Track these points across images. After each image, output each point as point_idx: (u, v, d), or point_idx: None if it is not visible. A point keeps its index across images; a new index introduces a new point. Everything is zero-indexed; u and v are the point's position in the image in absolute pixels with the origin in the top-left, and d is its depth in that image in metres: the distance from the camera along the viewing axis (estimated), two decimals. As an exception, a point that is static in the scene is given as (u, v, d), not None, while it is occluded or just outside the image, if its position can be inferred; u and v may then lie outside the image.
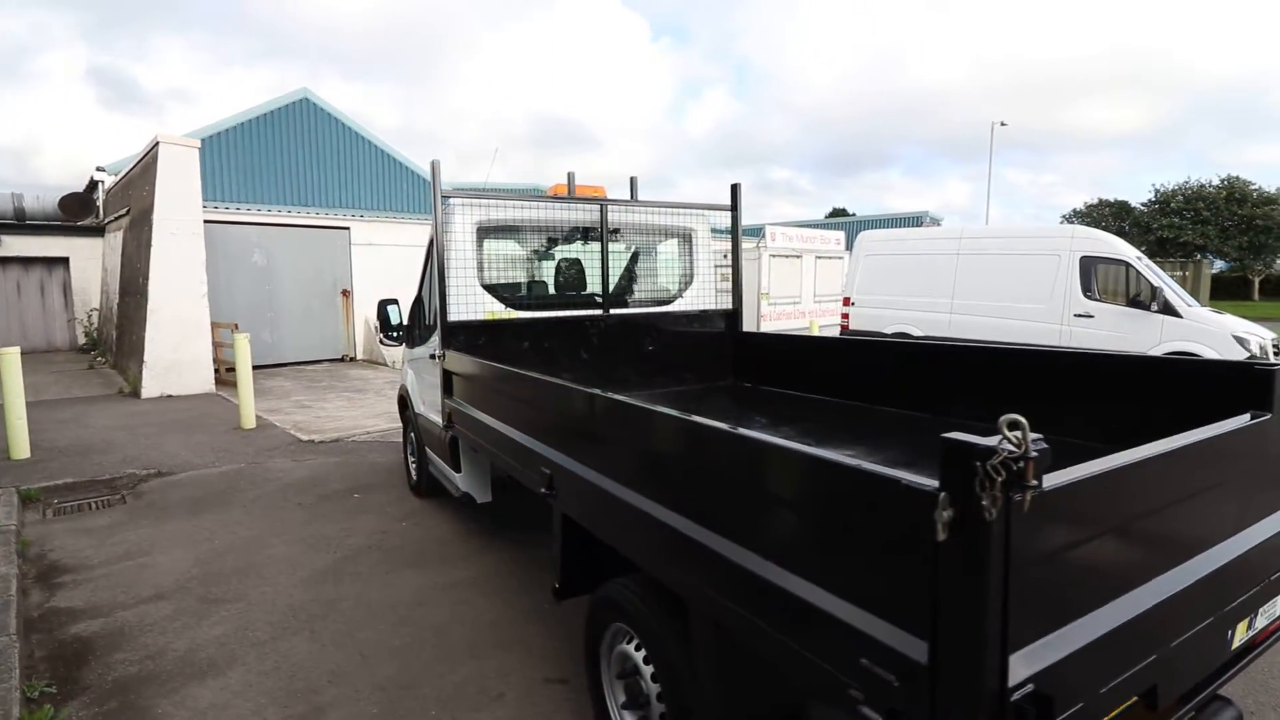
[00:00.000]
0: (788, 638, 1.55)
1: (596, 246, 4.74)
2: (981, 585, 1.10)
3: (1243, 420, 1.83)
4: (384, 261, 14.21)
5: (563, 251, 4.91)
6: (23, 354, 7.16)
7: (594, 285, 4.83)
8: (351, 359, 14.67)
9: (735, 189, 5.11)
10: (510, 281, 4.78)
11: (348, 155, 19.58)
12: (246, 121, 17.61)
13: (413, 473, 5.68)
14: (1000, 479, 1.06)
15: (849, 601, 1.39)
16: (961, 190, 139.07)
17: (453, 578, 4.11)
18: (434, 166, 3.95)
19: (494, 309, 4.38)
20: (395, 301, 5.45)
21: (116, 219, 13.82)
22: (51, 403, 9.63)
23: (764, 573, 1.60)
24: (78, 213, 16.05)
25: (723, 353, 5.18)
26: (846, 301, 12.18)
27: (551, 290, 4.87)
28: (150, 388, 10.19)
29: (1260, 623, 1.85)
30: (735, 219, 5.09)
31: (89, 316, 15.95)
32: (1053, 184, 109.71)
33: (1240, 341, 8.52)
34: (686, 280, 5.21)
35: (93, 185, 16.01)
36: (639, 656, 2.26)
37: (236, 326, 10.37)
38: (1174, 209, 37.39)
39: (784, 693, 1.98)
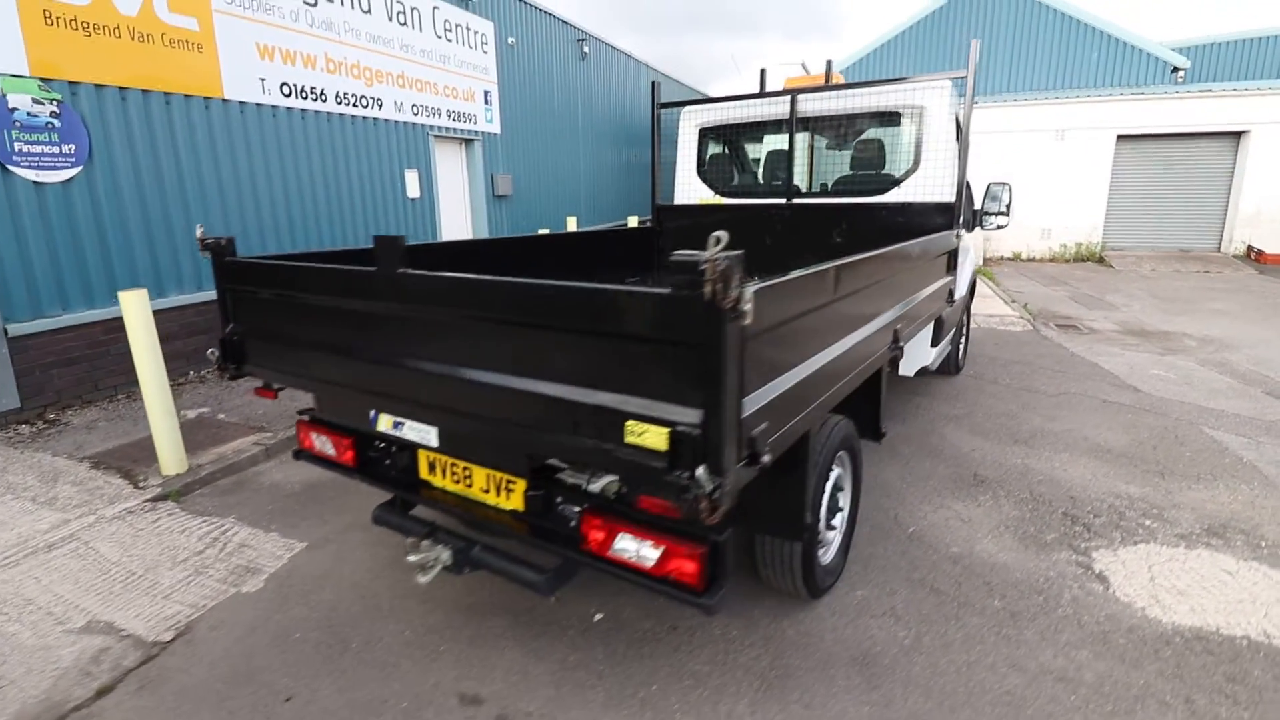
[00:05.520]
0: None
1: (811, 137, 4.94)
2: None
3: None
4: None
5: (774, 144, 5.22)
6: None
7: (801, 176, 5.05)
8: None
9: (972, 48, 4.17)
10: (722, 172, 5.49)
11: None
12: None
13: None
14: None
15: None
16: None
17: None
18: (654, 87, 5.26)
19: (705, 195, 5.43)
20: None
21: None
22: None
23: None
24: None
25: (931, 250, 4.51)
26: None
27: (760, 181, 5.33)
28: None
29: (411, 436, 2.25)
30: (969, 84, 4.20)
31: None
32: None
33: None
34: (910, 167, 4.64)
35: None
36: None
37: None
38: None
39: None
